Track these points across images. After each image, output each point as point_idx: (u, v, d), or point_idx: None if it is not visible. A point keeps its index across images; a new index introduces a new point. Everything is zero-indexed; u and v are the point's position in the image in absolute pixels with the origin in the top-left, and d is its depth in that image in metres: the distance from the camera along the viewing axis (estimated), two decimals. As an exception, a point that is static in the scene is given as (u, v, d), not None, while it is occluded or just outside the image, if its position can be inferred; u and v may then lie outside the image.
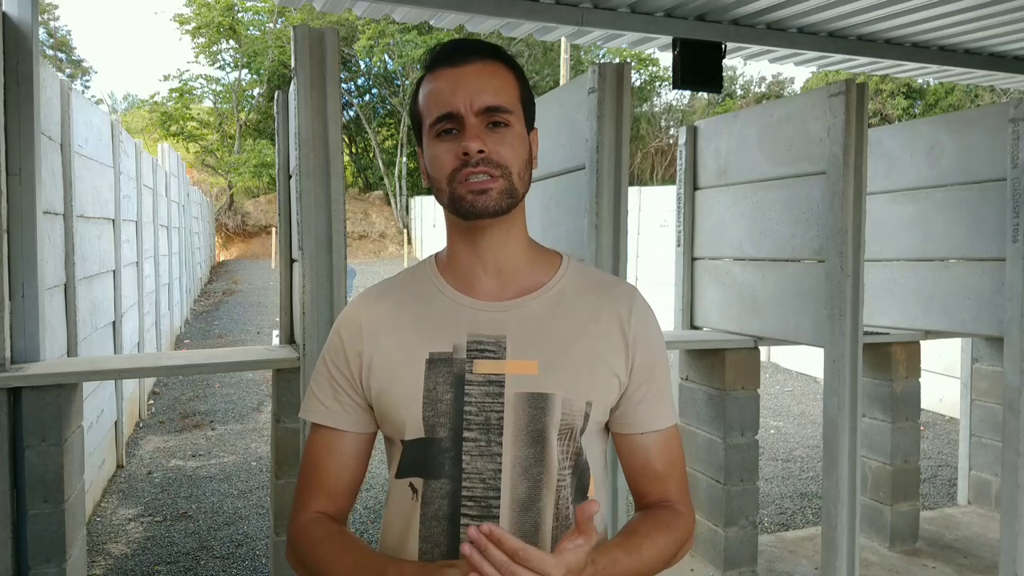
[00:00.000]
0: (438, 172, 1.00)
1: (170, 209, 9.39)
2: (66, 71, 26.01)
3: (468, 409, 0.99)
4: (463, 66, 1.00)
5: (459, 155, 0.97)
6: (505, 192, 0.99)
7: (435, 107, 1.00)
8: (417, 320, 1.04)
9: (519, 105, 1.02)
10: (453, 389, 1.00)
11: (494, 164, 0.98)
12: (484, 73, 1.00)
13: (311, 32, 2.28)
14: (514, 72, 1.04)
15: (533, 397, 1.00)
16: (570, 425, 1.02)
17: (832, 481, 2.81)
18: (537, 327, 1.03)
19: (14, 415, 2.29)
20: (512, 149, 1.00)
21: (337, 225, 2.32)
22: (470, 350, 1.01)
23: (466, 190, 0.98)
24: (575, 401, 1.01)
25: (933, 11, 3.61)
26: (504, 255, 1.05)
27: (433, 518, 1.00)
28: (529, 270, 1.08)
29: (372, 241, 26.35)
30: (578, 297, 1.07)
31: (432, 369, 1.01)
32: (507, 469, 1.00)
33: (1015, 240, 2.95)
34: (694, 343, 3.39)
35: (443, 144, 0.99)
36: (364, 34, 24.05)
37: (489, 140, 0.98)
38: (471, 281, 1.05)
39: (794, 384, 8.25)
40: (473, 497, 0.99)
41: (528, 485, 1.00)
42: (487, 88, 0.99)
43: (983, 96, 18.44)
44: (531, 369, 1.00)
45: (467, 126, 0.98)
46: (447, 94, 0.99)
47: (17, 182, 2.43)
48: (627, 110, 2.60)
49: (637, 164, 25.68)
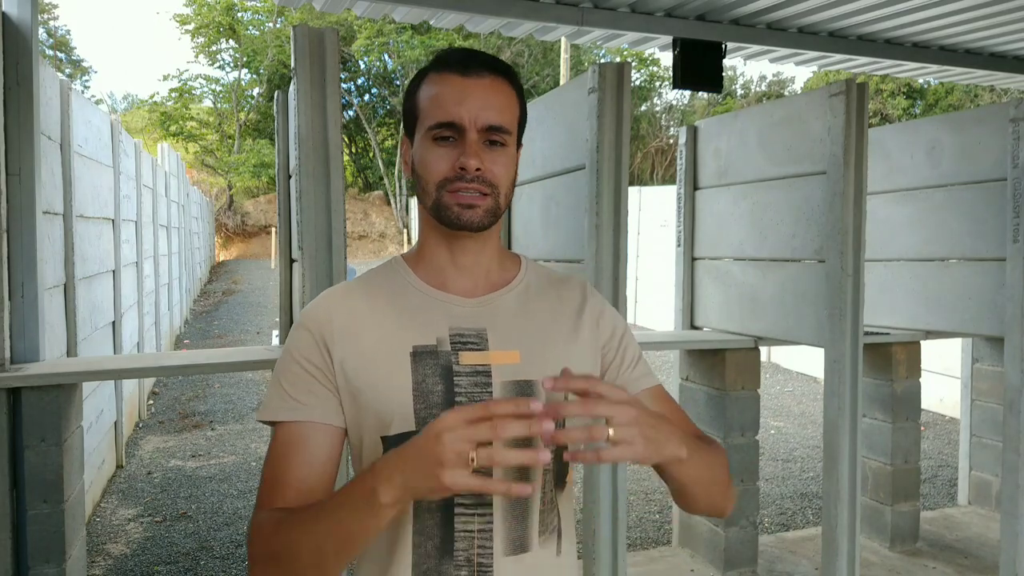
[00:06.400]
0: (427, 174, 1.02)
1: (170, 209, 9.39)
2: (66, 71, 26.01)
3: (459, 400, 1.01)
4: (473, 78, 1.01)
5: (455, 167, 1.00)
6: (490, 211, 1.02)
7: (438, 111, 1.01)
8: (394, 315, 1.05)
9: (516, 126, 1.06)
10: (443, 381, 1.01)
11: (487, 183, 1.00)
12: (492, 90, 1.02)
13: (311, 32, 2.28)
14: (517, 92, 1.07)
15: (520, 385, 1.03)
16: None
17: (832, 481, 2.81)
18: (512, 320, 1.07)
19: (14, 415, 2.29)
20: (505, 169, 1.03)
21: (337, 225, 2.32)
22: (453, 342, 1.03)
23: (454, 201, 1.01)
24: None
25: (933, 11, 3.61)
26: (478, 262, 1.09)
27: (426, 510, 1.01)
28: (497, 269, 1.12)
29: (372, 241, 26.35)
30: (540, 291, 1.13)
31: (418, 362, 1.01)
32: None
33: (1015, 240, 2.95)
34: (694, 343, 3.39)
35: (439, 149, 1.01)
36: (362, 34, 24.05)
37: (486, 158, 1.00)
38: (443, 278, 1.08)
39: (794, 384, 8.25)
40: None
41: (517, 472, 1.02)
42: (492, 106, 1.01)
43: (983, 96, 18.44)
44: (514, 359, 1.04)
45: (468, 141, 1.00)
46: (452, 103, 1.00)
47: (17, 182, 2.43)
48: (627, 110, 2.60)
49: (637, 164, 25.68)
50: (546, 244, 2.94)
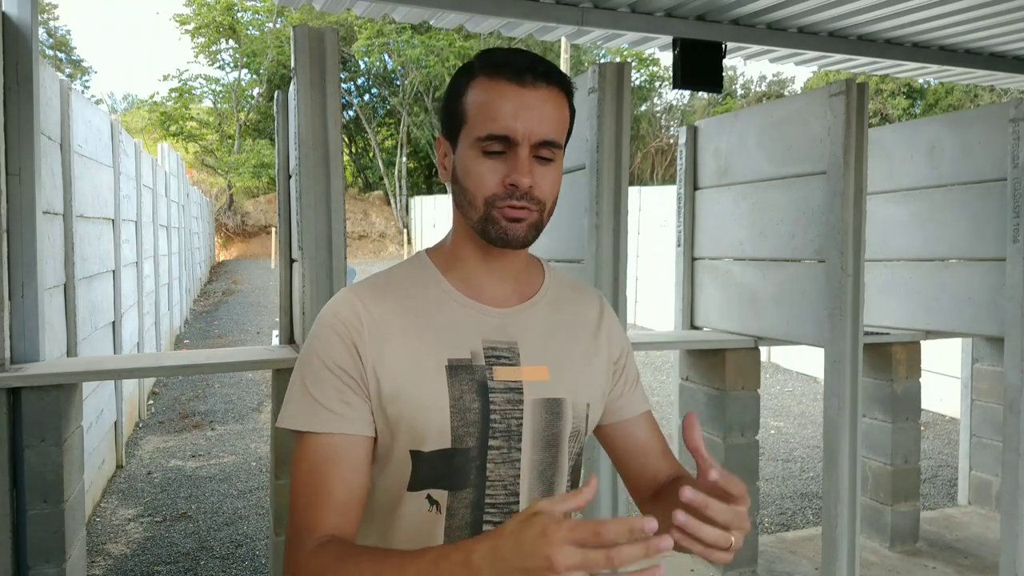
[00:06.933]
0: (475, 188, 0.97)
1: (170, 209, 9.40)
2: (66, 71, 26.01)
3: (493, 417, 0.98)
4: (531, 89, 0.95)
5: (505, 183, 0.95)
6: (535, 226, 0.98)
7: (489, 122, 0.95)
8: (427, 323, 1.00)
9: (566, 139, 1.01)
10: (480, 398, 0.98)
11: (535, 200, 0.96)
12: (549, 103, 0.96)
13: (311, 32, 2.28)
14: (570, 104, 1.01)
15: (549, 403, 1.02)
16: (578, 428, 1.05)
17: (832, 481, 2.81)
18: (540, 332, 1.05)
19: (14, 415, 2.29)
20: (553, 185, 0.99)
21: (337, 225, 2.32)
22: (487, 357, 0.99)
23: (503, 217, 0.96)
24: (579, 405, 1.05)
25: (933, 11, 3.61)
26: (511, 266, 1.06)
27: (458, 528, 0.99)
28: (526, 276, 1.09)
29: (372, 241, 26.35)
30: (562, 303, 1.10)
31: (454, 377, 0.97)
32: (525, 474, 1.01)
33: (1015, 240, 2.95)
34: (694, 343, 3.39)
35: (489, 162, 0.96)
36: (362, 34, 24.06)
37: (536, 174, 0.96)
38: (477, 286, 1.04)
39: (794, 384, 8.25)
40: (495, 504, 1.00)
41: (543, 488, 1.03)
42: (547, 120, 0.95)
43: (983, 96, 18.44)
44: (543, 375, 1.01)
45: (520, 157, 0.94)
46: (507, 116, 0.94)
47: (17, 182, 2.43)
48: (627, 110, 2.60)
49: (637, 164, 25.68)
50: (546, 244, 2.93)
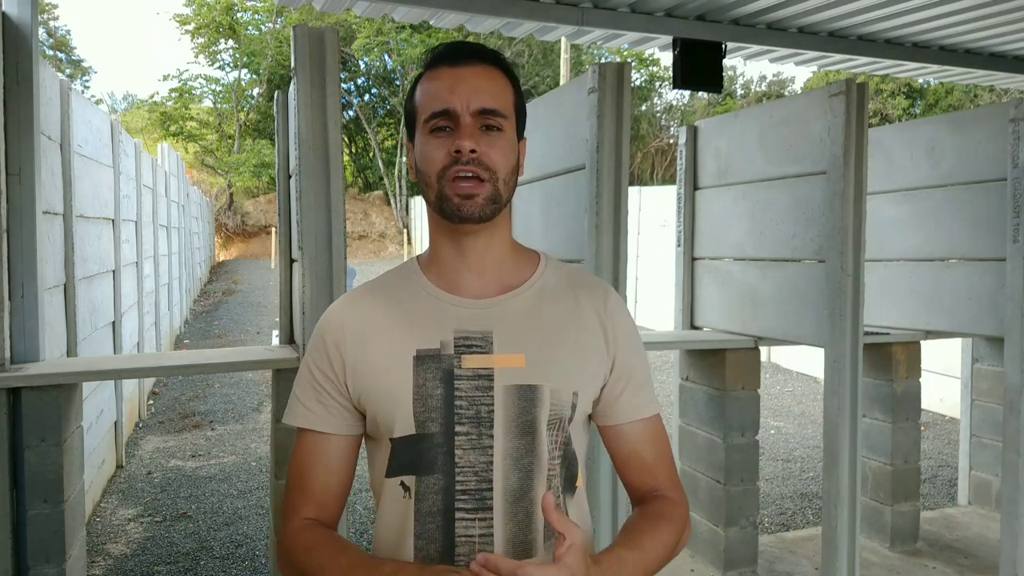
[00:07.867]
0: (428, 167, 1.02)
1: (170, 209, 9.39)
2: (66, 71, 26.00)
3: (459, 403, 1.01)
4: (463, 67, 1.02)
5: (451, 152, 0.99)
6: (490, 199, 1.01)
7: (432, 103, 1.01)
8: (402, 319, 1.06)
9: (513, 112, 1.05)
10: (443, 384, 1.01)
11: (484, 166, 1.00)
12: (483, 76, 1.02)
13: (311, 32, 2.28)
14: (511, 79, 1.06)
15: (522, 389, 1.02)
16: (559, 415, 1.04)
17: (832, 481, 2.81)
18: (522, 322, 1.05)
19: (14, 415, 2.29)
20: (502, 154, 1.02)
21: (337, 225, 2.32)
22: (457, 346, 1.03)
23: (453, 192, 1.00)
24: (562, 391, 1.04)
25: (933, 11, 3.61)
26: (488, 257, 1.07)
27: (428, 514, 1.01)
28: (511, 268, 1.10)
29: (372, 241, 26.35)
30: (558, 292, 1.10)
31: (420, 365, 1.02)
32: (499, 461, 1.01)
33: (1015, 240, 2.95)
34: (694, 343, 3.39)
35: (436, 140, 1.01)
36: (362, 34, 24.05)
37: (481, 142, 1.00)
38: (455, 280, 1.07)
39: (794, 384, 8.25)
40: (467, 491, 1.01)
41: (520, 475, 1.02)
42: (485, 90, 1.01)
43: (983, 96, 18.43)
44: (518, 362, 1.03)
45: (462, 125, 1.00)
46: (445, 92, 1.01)
47: (17, 182, 2.43)
48: (627, 110, 2.60)
49: (637, 164, 25.68)
50: (546, 244, 2.93)
